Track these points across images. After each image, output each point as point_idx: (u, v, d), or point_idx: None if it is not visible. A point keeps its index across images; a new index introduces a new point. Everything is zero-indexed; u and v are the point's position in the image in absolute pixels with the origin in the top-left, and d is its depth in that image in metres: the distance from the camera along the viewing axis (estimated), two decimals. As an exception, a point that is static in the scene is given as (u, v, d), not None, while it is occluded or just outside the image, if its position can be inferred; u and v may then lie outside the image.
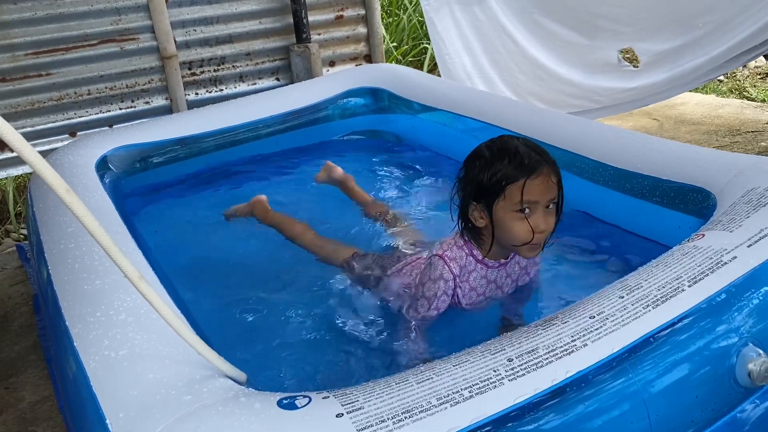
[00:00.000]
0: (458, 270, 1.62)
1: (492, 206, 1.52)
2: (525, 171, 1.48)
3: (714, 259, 1.34)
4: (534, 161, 1.50)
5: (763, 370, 1.24)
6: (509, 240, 1.54)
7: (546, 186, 1.50)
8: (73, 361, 1.27)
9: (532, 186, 1.48)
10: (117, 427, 1.05)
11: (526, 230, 1.50)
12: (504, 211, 1.51)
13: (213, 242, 2.28)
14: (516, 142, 1.56)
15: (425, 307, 1.62)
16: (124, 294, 1.40)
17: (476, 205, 1.56)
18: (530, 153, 1.51)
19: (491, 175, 1.51)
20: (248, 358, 1.57)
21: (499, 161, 1.51)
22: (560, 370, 1.08)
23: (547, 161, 1.52)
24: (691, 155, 1.95)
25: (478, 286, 1.66)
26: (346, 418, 0.97)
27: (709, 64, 3.46)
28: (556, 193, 1.52)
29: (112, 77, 3.54)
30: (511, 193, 1.49)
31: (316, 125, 3.20)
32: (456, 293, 1.63)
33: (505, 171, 1.49)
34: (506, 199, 1.50)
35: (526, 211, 1.49)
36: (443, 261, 1.62)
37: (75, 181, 2.18)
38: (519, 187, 1.48)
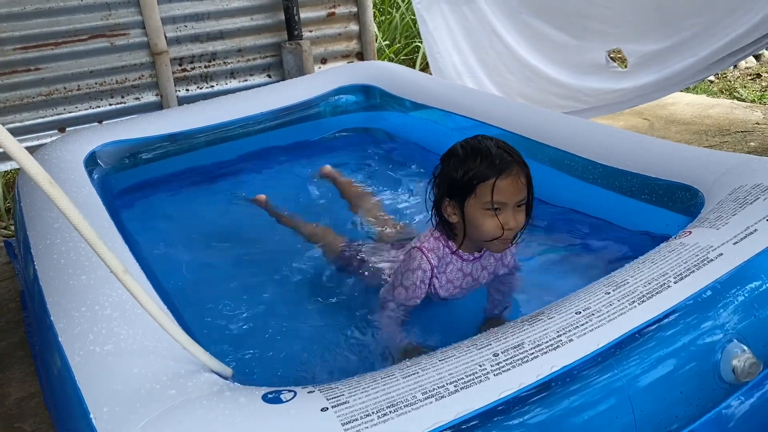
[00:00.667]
0: (436, 261, 1.66)
1: (464, 203, 1.57)
2: (495, 171, 1.53)
3: (700, 256, 1.34)
4: (504, 162, 1.54)
5: (747, 366, 1.24)
6: (479, 236, 1.59)
7: (515, 186, 1.54)
8: (58, 356, 1.27)
9: (501, 186, 1.52)
10: (101, 422, 1.04)
11: (495, 226, 1.55)
12: (474, 208, 1.56)
13: (201, 239, 2.27)
14: (489, 142, 1.60)
15: (403, 295, 1.66)
16: (109, 289, 1.39)
17: (449, 201, 1.61)
18: (502, 153, 1.56)
19: (463, 173, 1.56)
20: (235, 353, 1.57)
21: (472, 160, 1.56)
22: (546, 365, 1.08)
23: (517, 162, 1.56)
24: (680, 154, 1.96)
25: (454, 278, 1.70)
26: (331, 412, 0.97)
27: (697, 66, 3.47)
28: (525, 193, 1.57)
29: (102, 73, 3.53)
30: (482, 192, 1.54)
31: (307, 122, 3.19)
32: (432, 283, 1.67)
33: (476, 170, 1.54)
34: (477, 197, 1.55)
35: (496, 210, 1.54)
36: (421, 252, 1.66)
37: (63, 176, 2.17)
38: (489, 186, 1.53)
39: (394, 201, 2.51)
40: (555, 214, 2.19)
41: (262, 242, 2.19)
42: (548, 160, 2.27)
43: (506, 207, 1.54)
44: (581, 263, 1.96)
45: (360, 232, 2.18)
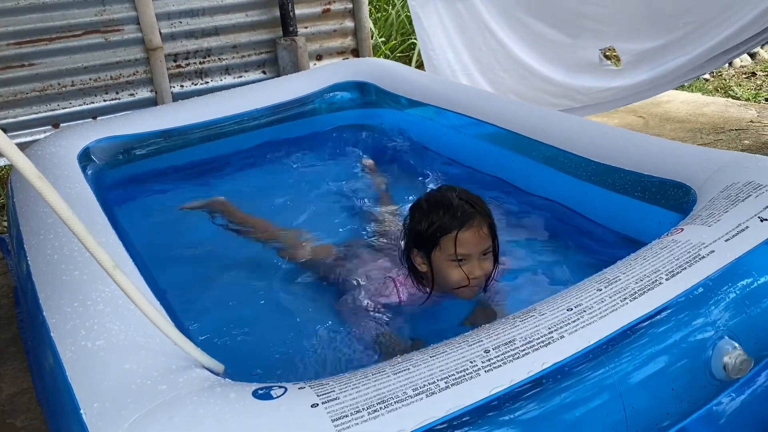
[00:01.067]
0: (406, 296, 1.71)
1: (430, 254, 1.63)
2: (457, 223, 1.58)
3: (692, 253, 1.34)
4: (466, 214, 1.59)
5: (738, 363, 1.25)
6: (447, 285, 1.65)
7: (478, 237, 1.59)
8: (50, 352, 1.27)
9: (464, 238, 1.58)
10: (91, 417, 1.04)
11: (461, 277, 1.61)
12: (440, 259, 1.62)
13: (195, 235, 2.27)
14: (452, 194, 1.66)
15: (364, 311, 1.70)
16: (102, 285, 1.39)
17: (417, 252, 1.67)
18: (463, 206, 1.61)
19: (427, 226, 1.62)
20: (227, 349, 1.57)
21: (434, 213, 1.62)
22: (537, 362, 1.08)
23: (479, 213, 1.61)
24: (673, 151, 1.96)
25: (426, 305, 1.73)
26: (321, 408, 0.97)
27: (691, 64, 3.48)
28: (489, 243, 1.62)
29: (97, 68, 3.51)
30: (446, 244, 1.59)
31: (302, 119, 3.19)
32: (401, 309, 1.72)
33: (439, 223, 1.60)
34: (441, 249, 1.61)
35: (461, 261, 1.59)
36: (394, 284, 1.72)
37: (57, 172, 2.16)
38: (452, 239, 1.58)
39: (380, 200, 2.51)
40: (547, 211, 2.20)
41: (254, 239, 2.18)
42: (542, 158, 2.27)
43: (471, 257, 1.59)
44: (573, 260, 1.96)
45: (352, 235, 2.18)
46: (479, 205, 1.63)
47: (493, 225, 1.64)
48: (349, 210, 2.43)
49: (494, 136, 2.51)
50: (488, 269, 1.63)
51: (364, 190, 2.60)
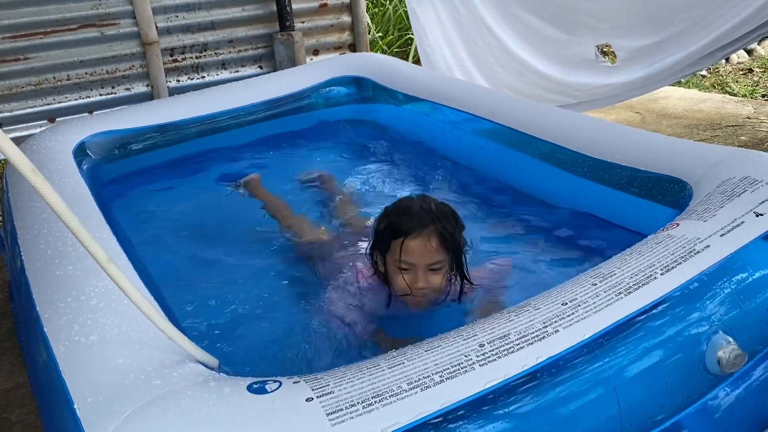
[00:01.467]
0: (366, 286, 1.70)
1: (385, 256, 1.62)
2: (405, 230, 1.55)
3: (687, 248, 1.34)
4: (417, 223, 1.55)
5: (732, 358, 1.25)
6: (394, 289, 1.62)
7: (423, 249, 1.54)
8: (43, 347, 1.26)
9: (409, 246, 1.55)
10: (85, 412, 1.04)
11: (404, 285, 1.57)
12: (390, 263, 1.61)
13: (190, 230, 2.26)
14: (417, 202, 1.63)
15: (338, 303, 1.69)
16: (96, 280, 1.39)
17: (376, 251, 1.66)
18: (420, 214, 1.57)
19: (384, 227, 1.61)
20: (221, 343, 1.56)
21: (393, 216, 1.61)
22: (531, 356, 1.08)
23: (434, 225, 1.56)
24: (669, 147, 1.97)
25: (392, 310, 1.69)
26: (316, 402, 0.97)
27: (686, 60, 3.48)
28: (437, 258, 1.56)
29: (92, 63, 3.50)
30: (394, 249, 1.57)
31: (299, 114, 3.18)
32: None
33: (393, 227, 1.59)
34: (390, 253, 1.59)
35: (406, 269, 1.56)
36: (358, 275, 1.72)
37: (52, 166, 2.15)
38: (398, 244, 1.56)
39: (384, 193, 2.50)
40: (543, 207, 2.20)
41: (250, 234, 2.18)
42: (538, 153, 2.27)
43: (416, 267, 1.56)
44: (569, 255, 1.96)
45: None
46: (441, 220, 1.58)
47: (451, 241, 1.58)
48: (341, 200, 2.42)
49: (490, 132, 2.51)
50: (434, 284, 1.57)
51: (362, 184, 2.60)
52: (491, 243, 2.06)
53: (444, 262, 1.57)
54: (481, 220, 2.23)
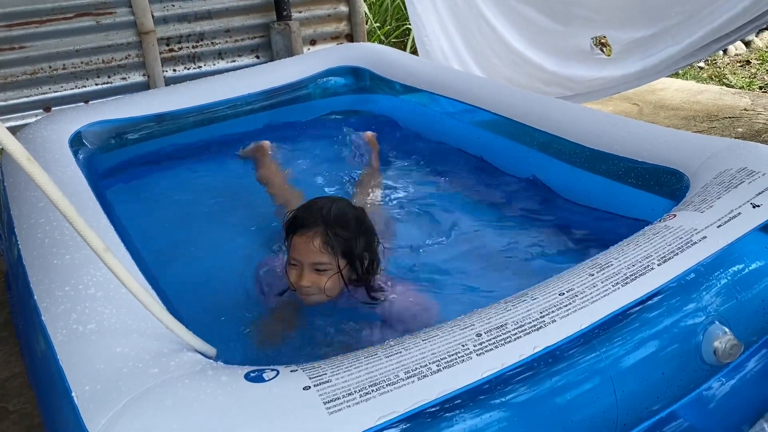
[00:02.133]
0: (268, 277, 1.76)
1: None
2: (294, 227, 1.60)
3: (684, 239, 1.35)
4: (305, 221, 1.58)
5: (728, 348, 1.26)
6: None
7: (305, 247, 1.56)
8: (41, 335, 1.26)
9: (294, 242, 1.59)
10: (83, 400, 1.04)
11: (291, 279, 1.60)
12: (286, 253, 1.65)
13: (187, 220, 2.26)
14: (321, 203, 1.64)
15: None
16: (94, 269, 1.38)
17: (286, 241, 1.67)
18: (314, 215, 1.59)
19: (286, 220, 1.65)
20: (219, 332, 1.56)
21: (296, 211, 1.65)
22: (528, 346, 1.09)
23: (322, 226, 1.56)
24: (666, 138, 1.96)
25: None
26: (313, 391, 0.97)
27: (683, 52, 3.48)
28: (319, 259, 1.56)
29: (88, 52, 3.48)
30: (288, 242, 1.63)
31: (296, 104, 3.17)
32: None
33: (290, 221, 1.63)
34: (287, 245, 1.64)
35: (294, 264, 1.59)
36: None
37: (48, 156, 2.14)
38: (290, 239, 1.61)
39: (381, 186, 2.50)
40: (540, 198, 2.20)
41: (248, 223, 2.18)
42: (536, 144, 2.27)
43: (301, 264, 1.58)
44: (566, 246, 1.97)
45: None
46: (333, 223, 1.58)
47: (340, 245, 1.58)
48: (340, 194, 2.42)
49: (488, 123, 2.50)
50: (319, 284, 1.57)
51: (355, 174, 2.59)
52: (484, 232, 2.06)
53: (329, 265, 1.57)
54: (476, 211, 2.23)
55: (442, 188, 2.45)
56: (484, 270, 1.90)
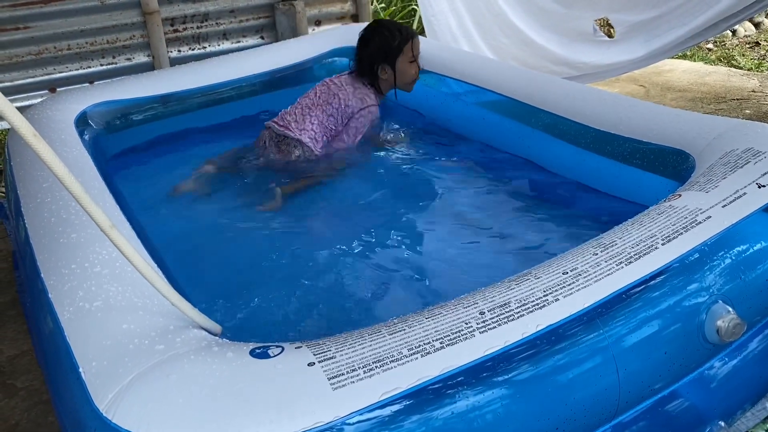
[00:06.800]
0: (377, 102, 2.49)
1: (395, 63, 2.42)
2: (412, 35, 2.44)
3: (689, 219, 1.34)
4: (412, 30, 2.46)
5: (731, 327, 1.26)
6: (403, 82, 2.48)
7: (419, 43, 2.47)
8: (48, 313, 1.27)
9: (416, 42, 2.45)
10: (90, 376, 1.05)
11: (415, 71, 2.47)
12: (402, 63, 2.43)
13: (191, 199, 2.27)
14: (388, 23, 2.50)
15: (352, 138, 2.43)
16: (99, 247, 1.39)
17: (383, 66, 2.43)
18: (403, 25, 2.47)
19: (398, 40, 2.40)
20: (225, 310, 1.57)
21: (395, 32, 2.42)
22: (531, 324, 1.09)
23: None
24: (672, 118, 1.95)
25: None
26: (318, 367, 0.98)
27: (689, 33, 3.44)
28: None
29: (93, 32, 3.47)
30: (407, 50, 2.42)
31: (301, 84, 3.15)
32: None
33: (403, 37, 2.41)
34: (403, 54, 2.42)
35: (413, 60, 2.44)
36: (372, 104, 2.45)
37: (53, 136, 2.15)
38: (410, 45, 2.42)
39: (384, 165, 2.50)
40: (545, 178, 2.20)
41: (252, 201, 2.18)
42: (541, 125, 2.26)
43: (417, 56, 2.44)
44: (570, 226, 1.96)
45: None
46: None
47: None
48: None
49: (493, 103, 2.49)
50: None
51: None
52: (491, 213, 2.06)
53: None
54: (482, 191, 2.23)
55: (446, 169, 2.45)
56: (487, 249, 1.91)
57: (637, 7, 3.65)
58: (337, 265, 1.80)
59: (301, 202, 2.14)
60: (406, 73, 2.43)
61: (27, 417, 1.81)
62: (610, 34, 4.04)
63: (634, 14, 3.68)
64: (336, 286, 1.71)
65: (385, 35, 2.39)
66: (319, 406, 0.94)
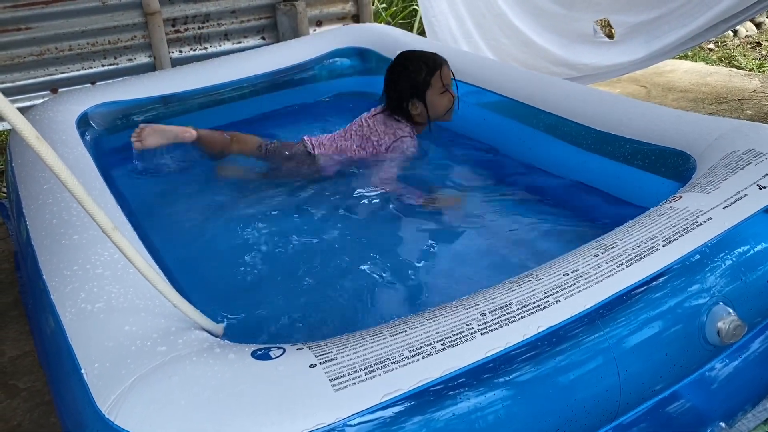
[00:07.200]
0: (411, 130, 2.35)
1: (425, 96, 2.26)
2: (439, 64, 2.27)
3: (689, 220, 1.35)
4: (438, 57, 2.29)
5: (732, 328, 1.26)
6: (436, 114, 2.30)
7: (448, 70, 2.29)
8: (50, 314, 1.28)
9: (445, 71, 2.28)
10: (92, 377, 1.05)
11: (448, 100, 2.29)
12: (432, 95, 2.26)
13: (193, 200, 2.27)
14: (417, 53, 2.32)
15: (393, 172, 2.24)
16: (101, 248, 1.40)
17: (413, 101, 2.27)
18: (432, 53, 2.30)
19: (423, 75, 2.25)
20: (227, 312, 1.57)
21: (422, 65, 2.26)
22: (532, 325, 1.09)
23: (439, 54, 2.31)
24: (673, 119, 1.95)
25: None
26: (319, 369, 0.98)
27: (690, 33, 3.44)
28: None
29: (94, 33, 3.47)
30: (435, 81, 2.25)
31: (301, 85, 3.16)
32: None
33: (429, 68, 2.25)
34: (432, 87, 2.26)
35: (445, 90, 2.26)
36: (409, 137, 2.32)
37: (54, 137, 2.15)
38: (438, 75, 2.25)
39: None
40: (546, 179, 2.20)
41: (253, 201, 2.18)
42: (542, 126, 2.26)
43: (449, 84, 2.28)
44: (571, 227, 1.97)
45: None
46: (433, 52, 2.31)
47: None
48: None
49: (494, 104, 2.49)
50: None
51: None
52: (491, 214, 2.06)
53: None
54: (483, 191, 2.23)
55: (446, 170, 2.45)
56: (487, 250, 1.91)
57: (638, 8, 3.65)
58: (339, 267, 1.80)
59: (305, 203, 2.14)
60: (438, 105, 2.27)
61: (29, 418, 1.81)
62: (610, 35, 4.04)
63: (634, 15, 3.68)
64: (337, 287, 1.71)
65: (410, 70, 2.26)
66: (320, 408, 0.95)
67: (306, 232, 1.98)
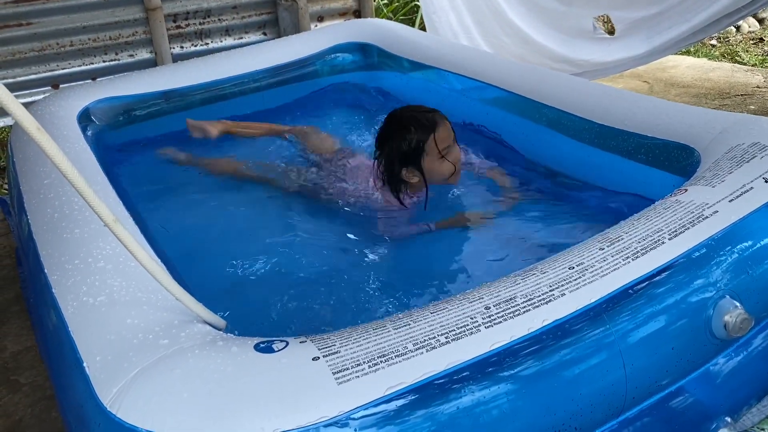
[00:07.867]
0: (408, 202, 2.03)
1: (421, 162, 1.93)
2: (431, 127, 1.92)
3: (695, 213, 1.34)
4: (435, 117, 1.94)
5: (739, 322, 1.25)
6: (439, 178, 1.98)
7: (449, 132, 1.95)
8: (52, 308, 1.27)
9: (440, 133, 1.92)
10: (94, 370, 1.05)
11: (450, 165, 1.95)
12: (429, 162, 1.93)
13: (194, 195, 2.26)
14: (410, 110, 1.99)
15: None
16: (103, 242, 1.39)
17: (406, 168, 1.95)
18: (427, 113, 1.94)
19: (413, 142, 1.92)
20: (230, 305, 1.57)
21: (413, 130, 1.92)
22: (537, 319, 1.09)
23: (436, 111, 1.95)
24: (677, 113, 1.94)
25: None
26: (322, 361, 0.98)
27: (692, 29, 3.42)
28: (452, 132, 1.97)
29: (95, 28, 3.46)
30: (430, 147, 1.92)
31: (303, 81, 3.15)
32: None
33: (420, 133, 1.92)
34: (428, 152, 1.93)
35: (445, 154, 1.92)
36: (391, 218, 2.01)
37: (56, 132, 2.15)
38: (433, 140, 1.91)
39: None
40: (550, 174, 2.19)
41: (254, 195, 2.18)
42: (545, 120, 2.25)
43: (451, 146, 1.95)
44: (576, 221, 1.96)
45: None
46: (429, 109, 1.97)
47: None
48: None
49: (496, 99, 2.48)
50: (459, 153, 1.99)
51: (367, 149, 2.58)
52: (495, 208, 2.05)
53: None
54: (486, 186, 2.22)
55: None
56: (492, 244, 1.90)
57: (638, 4, 3.63)
58: (342, 261, 1.80)
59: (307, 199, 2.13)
60: (436, 172, 1.93)
61: (31, 412, 1.81)
62: (611, 31, 4.02)
63: (634, 11, 3.66)
64: (340, 280, 1.70)
65: (397, 137, 1.92)
66: (323, 401, 0.94)
67: (310, 225, 1.97)
